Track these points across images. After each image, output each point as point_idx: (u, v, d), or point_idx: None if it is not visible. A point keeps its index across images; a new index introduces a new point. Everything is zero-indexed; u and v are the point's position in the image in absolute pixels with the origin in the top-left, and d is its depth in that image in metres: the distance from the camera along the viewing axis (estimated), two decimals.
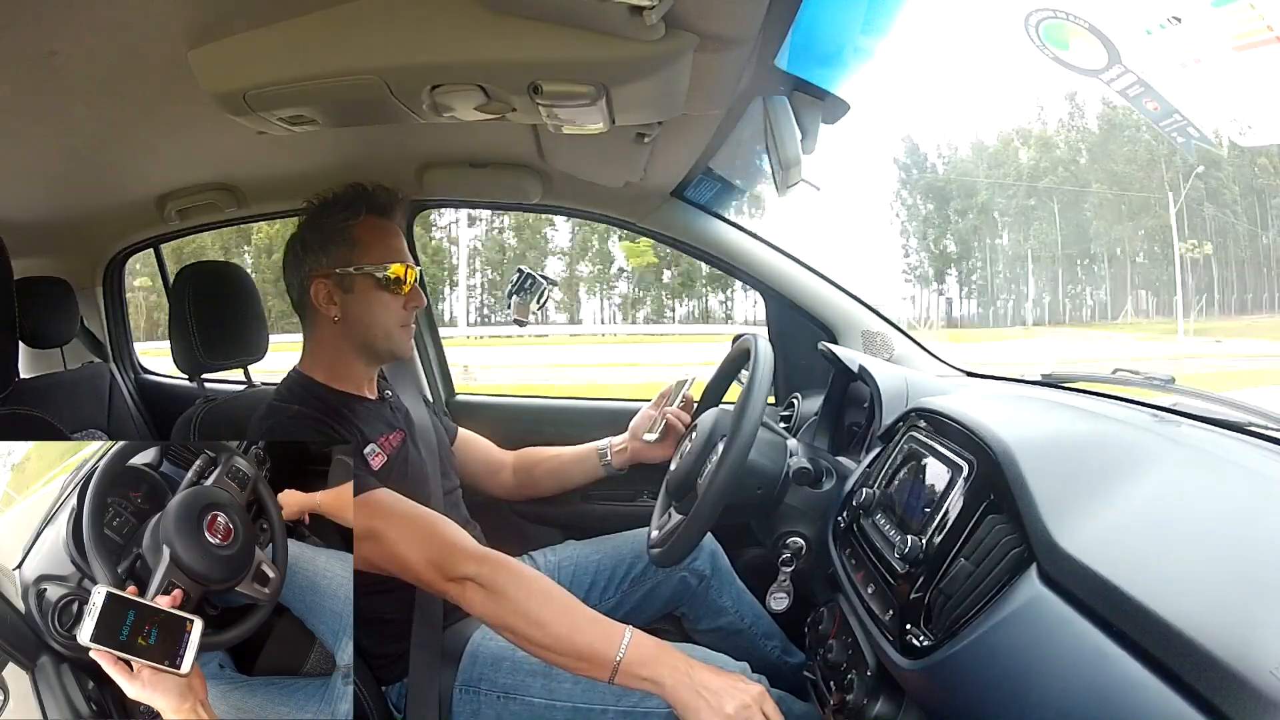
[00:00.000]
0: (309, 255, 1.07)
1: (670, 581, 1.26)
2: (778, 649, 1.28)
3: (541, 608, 0.88)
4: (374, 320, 1.07)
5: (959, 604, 0.66)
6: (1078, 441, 0.78)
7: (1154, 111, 0.87)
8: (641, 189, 1.46)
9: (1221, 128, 0.81)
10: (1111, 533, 0.59)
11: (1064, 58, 0.87)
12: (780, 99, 1.02)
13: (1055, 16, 0.85)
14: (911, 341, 1.51)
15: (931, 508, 0.78)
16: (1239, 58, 0.75)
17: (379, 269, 1.06)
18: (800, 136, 1.03)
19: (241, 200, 1.52)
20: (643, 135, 1.08)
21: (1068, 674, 0.53)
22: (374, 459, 1.04)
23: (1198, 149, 0.84)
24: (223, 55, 0.84)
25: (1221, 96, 0.80)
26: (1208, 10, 0.76)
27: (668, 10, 0.68)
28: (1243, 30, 0.73)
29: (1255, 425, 0.81)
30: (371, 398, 1.12)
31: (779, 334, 1.58)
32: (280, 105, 0.88)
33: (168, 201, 1.49)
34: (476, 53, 0.78)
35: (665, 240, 1.58)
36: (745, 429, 0.96)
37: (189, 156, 1.34)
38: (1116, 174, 8.77)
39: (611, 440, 1.35)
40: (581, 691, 0.96)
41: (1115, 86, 0.86)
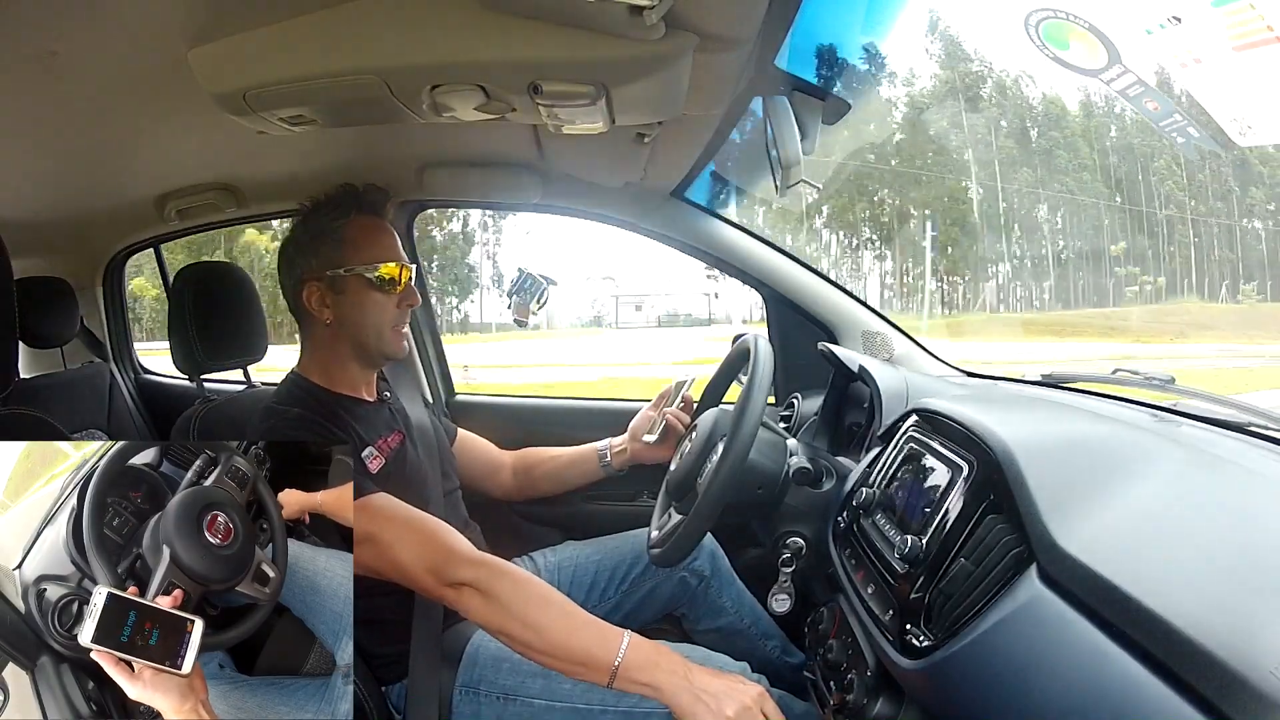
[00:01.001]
0: (300, 258, 1.06)
1: (670, 582, 1.26)
2: (778, 649, 1.28)
3: (539, 613, 0.88)
4: (366, 321, 1.06)
5: (959, 604, 0.66)
6: (1078, 441, 0.78)
7: (1154, 111, 0.87)
8: (641, 189, 1.46)
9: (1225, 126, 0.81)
10: (1111, 533, 0.59)
11: (1064, 58, 0.87)
12: (780, 99, 1.02)
13: (1055, 16, 0.85)
14: (911, 341, 1.51)
15: (931, 508, 0.78)
16: (1239, 58, 0.75)
17: (369, 269, 1.05)
18: (800, 137, 1.04)
19: (241, 200, 1.52)
20: (643, 135, 1.08)
21: (1068, 674, 0.53)
22: (372, 461, 1.04)
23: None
24: (223, 55, 0.84)
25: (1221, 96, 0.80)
26: (1208, 10, 0.76)
27: (668, 10, 0.68)
28: (1243, 30, 0.73)
29: (1255, 425, 0.81)
30: (370, 400, 1.12)
31: (779, 334, 1.58)
32: (280, 105, 0.88)
33: (168, 201, 1.49)
34: (476, 53, 0.78)
35: (665, 240, 1.58)
36: (745, 429, 0.96)
37: (189, 156, 1.34)
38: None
39: (611, 441, 1.35)
40: (581, 692, 0.96)
41: (1115, 86, 0.86)
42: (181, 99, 0.96)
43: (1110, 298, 7.73)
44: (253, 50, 0.82)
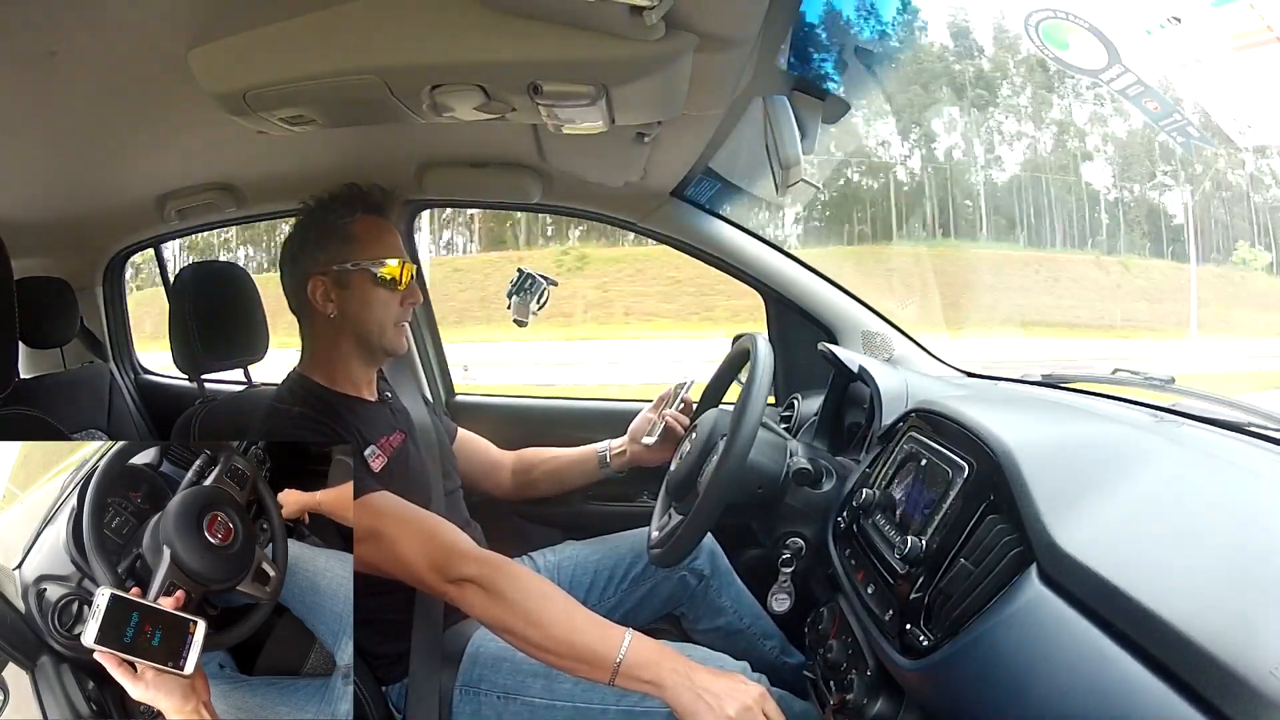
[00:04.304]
0: (306, 253, 1.07)
1: (670, 581, 1.26)
2: (776, 649, 1.28)
3: (541, 609, 0.88)
4: (371, 316, 1.07)
5: (959, 604, 0.66)
6: (1077, 442, 0.78)
7: (1154, 111, 0.87)
8: (641, 189, 1.46)
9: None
10: (1111, 533, 0.59)
11: (1064, 58, 0.87)
12: (780, 99, 1.02)
13: (1055, 16, 0.85)
14: (911, 342, 1.51)
15: (931, 508, 0.78)
16: (1239, 58, 0.75)
17: (375, 265, 1.06)
18: (800, 136, 1.04)
19: (241, 200, 1.52)
20: (643, 135, 1.08)
21: (1068, 674, 0.53)
22: (374, 460, 1.04)
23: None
24: (222, 55, 0.84)
25: (1221, 96, 0.80)
26: (1208, 10, 0.76)
27: (668, 10, 0.68)
28: (1243, 30, 0.73)
29: (1255, 425, 0.81)
30: (371, 399, 1.12)
31: (779, 334, 1.58)
32: (280, 105, 0.88)
33: (168, 201, 1.49)
34: (476, 53, 0.78)
35: (665, 240, 1.58)
36: (745, 428, 0.96)
37: (189, 156, 1.34)
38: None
39: (611, 443, 1.35)
40: (582, 692, 0.96)
41: (1115, 86, 0.87)
42: (181, 99, 0.95)
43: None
44: (252, 50, 0.82)
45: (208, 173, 1.45)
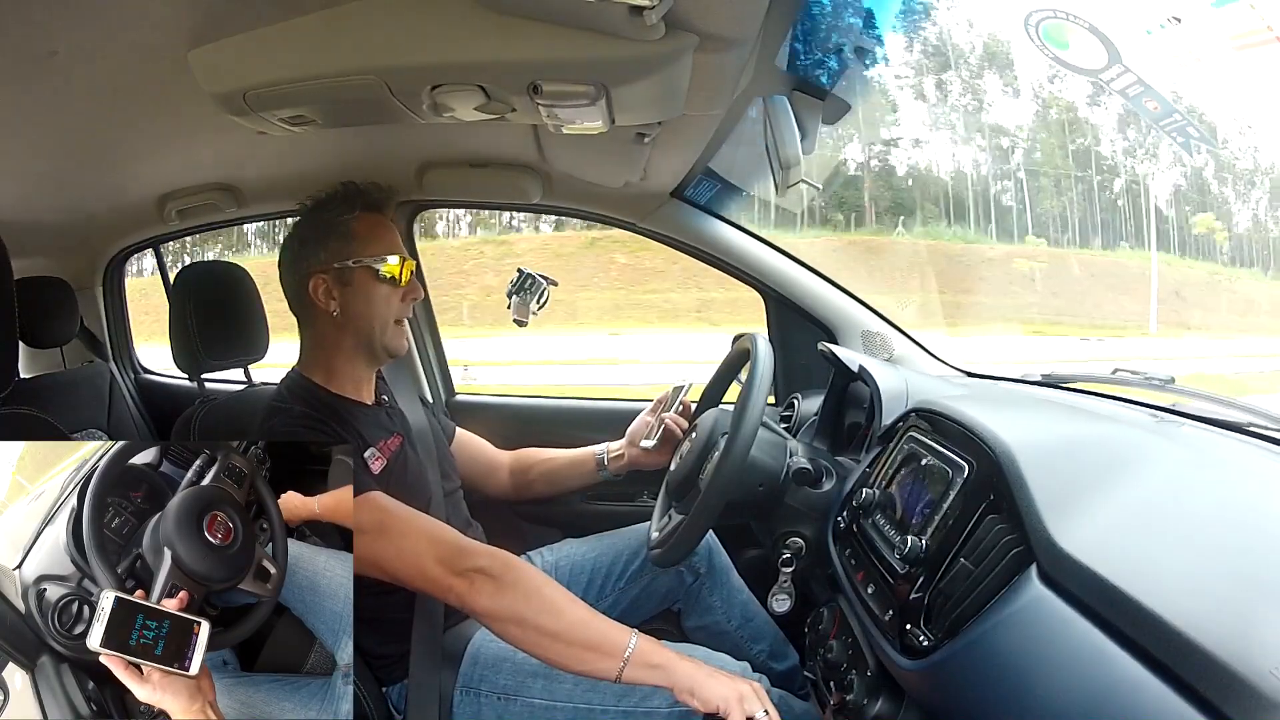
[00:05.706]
0: (306, 252, 1.07)
1: (667, 576, 1.26)
2: (764, 653, 1.27)
3: (555, 596, 0.89)
4: (373, 313, 1.07)
5: (959, 604, 0.66)
6: (1077, 442, 0.78)
7: (1154, 111, 0.87)
8: (641, 189, 1.46)
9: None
10: (1111, 533, 0.59)
11: (1064, 58, 0.87)
12: (780, 99, 1.02)
13: (1055, 16, 0.85)
14: (911, 342, 1.51)
15: (931, 508, 0.78)
16: (1239, 58, 0.75)
17: (377, 261, 1.06)
18: (800, 136, 1.04)
19: (241, 200, 1.52)
20: (643, 135, 1.08)
21: (1068, 674, 0.53)
22: (374, 462, 1.04)
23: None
24: (223, 55, 0.84)
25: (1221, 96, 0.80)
26: (1208, 10, 0.76)
27: (668, 10, 0.68)
28: (1243, 30, 0.74)
29: (1255, 425, 0.81)
30: (369, 403, 1.12)
31: (779, 334, 1.58)
32: (280, 105, 0.88)
33: (168, 202, 1.49)
34: (476, 53, 0.78)
35: (665, 240, 1.58)
36: (745, 428, 0.96)
37: (189, 156, 1.34)
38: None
39: (609, 446, 1.34)
40: (582, 693, 0.96)
41: (1115, 86, 0.87)
42: (181, 99, 0.96)
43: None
44: (253, 50, 0.82)
45: (208, 173, 1.45)
